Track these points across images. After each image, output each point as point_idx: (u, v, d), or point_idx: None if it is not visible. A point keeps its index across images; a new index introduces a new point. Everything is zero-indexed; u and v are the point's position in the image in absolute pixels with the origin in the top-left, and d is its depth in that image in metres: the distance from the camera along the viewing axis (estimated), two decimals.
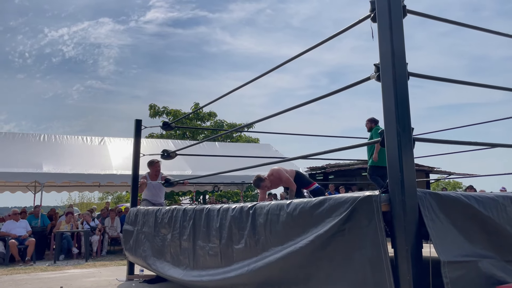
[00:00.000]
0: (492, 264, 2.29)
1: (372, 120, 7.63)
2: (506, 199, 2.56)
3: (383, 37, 2.36)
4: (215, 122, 24.71)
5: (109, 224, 10.74)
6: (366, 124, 7.68)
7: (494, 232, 2.42)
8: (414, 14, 2.65)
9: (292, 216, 2.67)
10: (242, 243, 3.17)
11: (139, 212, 5.65)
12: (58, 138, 12.44)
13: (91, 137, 13.04)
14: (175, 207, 4.55)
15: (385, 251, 2.06)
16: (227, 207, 3.48)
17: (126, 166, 10.83)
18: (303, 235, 2.56)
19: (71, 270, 7.39)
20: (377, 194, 2.14)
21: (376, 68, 2.42)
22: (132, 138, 6.80)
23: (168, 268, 4.43)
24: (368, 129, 7.62)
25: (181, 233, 4.20)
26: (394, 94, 2.24)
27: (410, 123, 2.25)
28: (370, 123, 7.64)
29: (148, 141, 14.34)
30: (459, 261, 2.11)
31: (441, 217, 2.21)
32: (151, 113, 23.53)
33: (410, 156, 2.19)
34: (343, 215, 2.26)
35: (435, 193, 2.27)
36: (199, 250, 3.82)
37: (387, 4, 2.35)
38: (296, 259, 2.59)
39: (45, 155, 11.12)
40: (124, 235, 6.25)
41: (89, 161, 11.42)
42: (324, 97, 3.17)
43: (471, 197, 2.39)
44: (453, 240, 2.20)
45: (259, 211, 3.03)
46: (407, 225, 2.07)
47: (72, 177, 10.64)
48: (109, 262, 8.45)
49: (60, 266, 8.02)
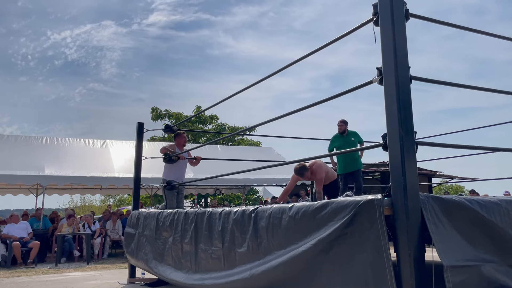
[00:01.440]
0: (495, 269, 2.28)
1: (346, 122, 7.21)
2: (509, 203, 2.55)
3: (386, 40, 2.36)
4: (217, 125, 24.72)
5: (111, 227, 10.74)
6: (341, 126, 7.15)
7: (497, 236, 2.41)
8: (417, 18, 2.65)
9: (295, 220, 2.67)
10: (245, 246, 3.16)
11: (141, 215, 5.65)
12: (60, 141, 12.46)
13: (93, 140, 13.06)
14: (177, 210, 4.55)
15: (388, 255, 2.05)
16: (229, 210, 3.48)
17: (128, 169, 10.85)
18: (306, 239, 2.55)
19: (72, 273, 7.38)
20: (380, 198, 2.13)
21: (379, 72, 2.42)
22: (134, 141, 6.81)
23: (169, 271, 4.42)
24: (343, 132, 7.14)
25: (182, 236, 4.20)
26: (396, 98, 2.24)
27: (413, 126, 2.25)
28: (345, 125, 7.19)
29: (150, 144, 14.35)
30: (462, 266, 2.10)
31: (443, 221, 2.20)
32: (153, 116, 23.54)
33: (413, 160, 2.19)
34: (345, 219, 2.26)
35: (437, 197, 2.26)
36: (201, 254, 3.82)
37: (390, 7, 2.35)
38: (299, 262, 2.58)
39: (47, 157, 11.14)
40: (125, 238, 6.25)
41: (91, 164, 11.43)
42: (326, 100, 3.17)
43: (474, 201, 2.38)
44: (455, 244, 2.19)
45: (261, 215, 3.03)
46: (410, 229, 2.06)
47: (74, 179, 10.66)
48: (110, 265, 8.45)
49: (61, 268, 8.02)
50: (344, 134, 7.19)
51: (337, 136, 7.27)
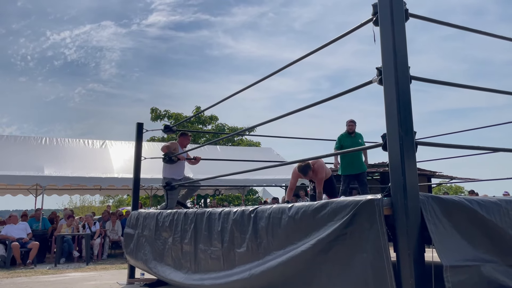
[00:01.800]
0: (495, 269, 2.28)
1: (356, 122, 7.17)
2: (509, 203, 2.55)
3: (385, 40, 2.36)
4: (216, 125, 24.73)
5: (110, 227, 10.73)
6: (352, 126, 7.11)
7: (497, 236, 2.40)
8: (417, 18, 2.65)
9: (294, 220, 2.67)
10: (244, 246, 3.16)
11: (140, 216, 5.64)
12: (59, 141, 12.45)
13: (93, 140, 13.05)
14: (176, 211, 4.54)
15: (387, 255, 2.05)
16: (228, 211, 3.48)
17: (128, 169, 10.85)
18: (305, 239, 2.55)
19: (71, 274, 7.38)
20: (379, 198, 2.13)
21: (378, 72, 2.42)
22: (133, 142, 6.80)
23: (169, 271, 4.42)
24: (352, 132, 7.12)
25: (182, 236, 4.19)
26: (396, 97, 2.23)
27: (412, 126, 2.25)
28: (355, 125, 7.15)
29: (150, 144, 14.35)
30: (462, 266, 2.10)
31: (443, 221, 2.20)
32: (152, 117, 23.54)
33: (413, 159, 2.19)
34: (345, 219, 2.25)
35: (437, 197, 2.26)
36: (200, 254, 3.81)
37: (389, 7, 2.35)
38: (298, 263, 2.58)
39: (47, 158, 11.13)
40: (125, 239, 6.24)
41: (90, 165, 11.43)
42: (326, 101, 3.16)
43: (473, 201, 2.38)
44: (455, 244, 2.19)
45: (260, 215, 3.03)
46: (409, 229, 2.06)
47: (73, 180, 10.66)
48: (110, 266, 8.44)
49: (61, 269, 8.01)
50: (352, 134, 7.13)
51: (345, 135, 7.18)
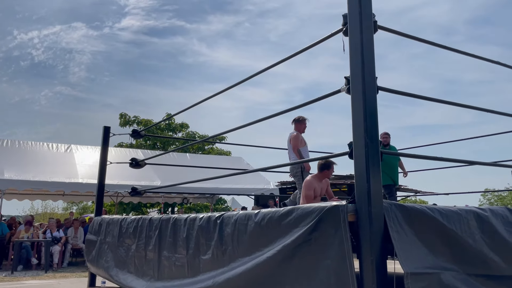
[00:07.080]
0: (454, 277, 2.33)
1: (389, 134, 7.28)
2: (469, 213, 2.62)
3: (354, 50, 2.40)
4: (187, 133, 24.51)
5: (72, 234, 10.38)
6: (386, 138, 7.18)
7: (457, 245, 2.46)
8: (385, 30, 2.73)
9: (260, 226, 2.65)
10: (209, 253, 3.11)
11: (103, 222, 5.48)
12: (22, 144, 12.01)
13: (57, 144, 12.66)
14: (141, 217, 4.44)
15: (351, 261, 2.06)
16: (194, 217, 3.42)
17: (93, 175, 10.52)
18: (271, 245, 2.53)
19: (28, 281, 7.07)
20: (344, 204, 2.15)
21: (347, 81, 2.46)
22: (100, 147, 6.63)
23: (131, 279, 4.30)
24: (387, 144, 7.18)
25: (146, 243, 4.09)
26: (363, 106, 2.27)
27: (378, 135, 2.29)
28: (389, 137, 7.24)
29: (117, 150, 14.04)
30: (422, 273, 2.13)
31: (405, 228, 2.23)
32: (121, 122, 23.09)
33: (377, 167, 2.22)
34: (309, 225, 2.25)
35: (400, 204, 2.30)
36: (164, 261, 3.73)
37: (359, 18, 2.40)
38: (263, 269, 2.55)
39: (8, 161, 10.70)
40: (86, 245, 6.04)
41: (54, 169, 11.06)
42: (295, 109, 3.19)
43: (435, 210, 2.43)
44: (416, 251, 2.22)
45: (226, 221, 2.99)
46: (373, 235, 2.08)
47: (35, 184, 10.27)
48: (70, 274, 8.15)
49: (17, 277, 7.66)
50: (387, 146, 7.16)
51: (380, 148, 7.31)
